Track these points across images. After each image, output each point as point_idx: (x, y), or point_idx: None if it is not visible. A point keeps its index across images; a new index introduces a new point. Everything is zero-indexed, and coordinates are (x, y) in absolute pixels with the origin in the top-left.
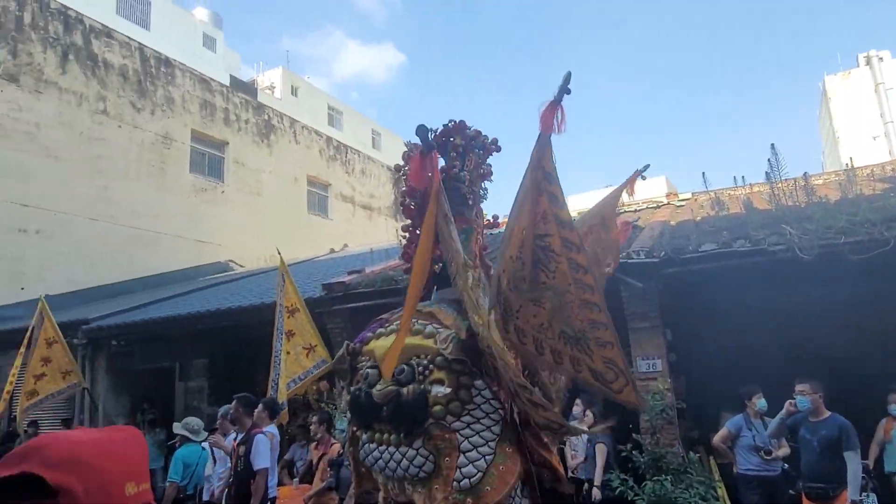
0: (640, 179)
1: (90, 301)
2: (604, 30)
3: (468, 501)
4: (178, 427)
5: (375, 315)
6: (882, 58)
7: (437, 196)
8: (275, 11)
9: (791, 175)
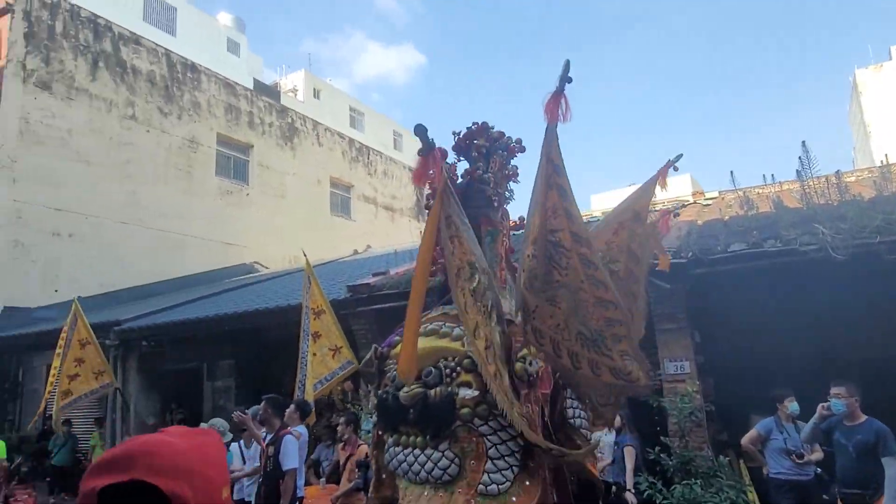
0: (672, 171)
1: (121, 303)
2: (631, 28)
3: None
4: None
5: (401, 317)
6: None
7: (441, 197)
8: (296, 15)
9: (822, 172)
